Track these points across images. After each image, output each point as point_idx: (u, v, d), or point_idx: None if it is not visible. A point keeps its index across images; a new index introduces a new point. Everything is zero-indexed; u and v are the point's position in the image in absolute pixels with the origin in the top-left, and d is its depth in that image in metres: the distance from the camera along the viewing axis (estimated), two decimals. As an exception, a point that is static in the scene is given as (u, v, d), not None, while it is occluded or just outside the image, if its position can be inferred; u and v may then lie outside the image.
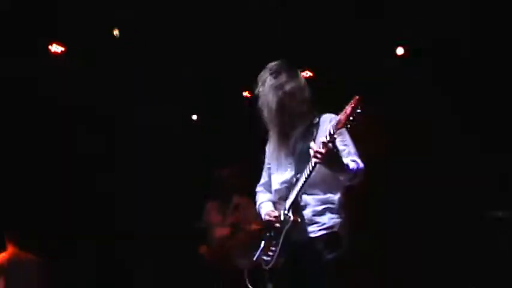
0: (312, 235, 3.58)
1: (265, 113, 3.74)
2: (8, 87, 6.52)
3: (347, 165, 3.45)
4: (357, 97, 3.26)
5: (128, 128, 7.47)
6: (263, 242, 3.78)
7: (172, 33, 6.43)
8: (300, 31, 6.27)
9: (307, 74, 6.16)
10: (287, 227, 3.58)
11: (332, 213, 3.62)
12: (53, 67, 6.47)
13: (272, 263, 3.65)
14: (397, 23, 6.19)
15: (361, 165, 3.53)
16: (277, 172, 3.83)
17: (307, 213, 3.61)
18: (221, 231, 6.39)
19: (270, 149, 3.91)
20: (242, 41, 6.46)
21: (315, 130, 3.65)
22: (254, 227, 6.06)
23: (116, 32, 6.27)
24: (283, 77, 3.72)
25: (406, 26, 6.20)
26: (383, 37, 6.37)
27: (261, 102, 3.77)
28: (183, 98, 7.34)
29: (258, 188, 4.08)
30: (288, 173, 3.72)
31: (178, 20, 6.28)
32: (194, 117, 7.94)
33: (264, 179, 4.04)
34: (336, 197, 3.65)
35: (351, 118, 3.25)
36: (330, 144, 3.32)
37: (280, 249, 3.61)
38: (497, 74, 6.12)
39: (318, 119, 3.69)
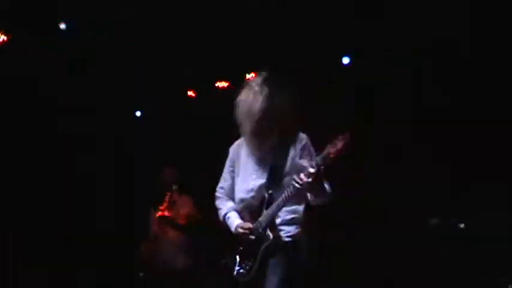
0: (278, 240, 3.69)
1: (244, 117, 3.73)
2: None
3: (325, 187, 3.61)
4: (349, 134, 3.33)
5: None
6: (237, 257, 3.81)
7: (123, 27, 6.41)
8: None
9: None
10: (266, 244, 3.67)
11: (297, 223, 3.76)
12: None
13: (248, 277, 3.70)
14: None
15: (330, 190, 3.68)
16: (241, 178, 3.87)
17: (276, 222, 3.71)
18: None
19: (236, 152, 3.94)
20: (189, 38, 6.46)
21: (290, 148, 3.72)
22: (182, 221, 6.36)
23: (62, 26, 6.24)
24: (275, 87, 3.73)
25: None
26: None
27: (245, 105, 3.73)
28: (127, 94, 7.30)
29: (219, 193, 4.05)
30: (253, 182, 3.79)
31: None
32: (138, 113, 7.86)
33: (225, 181, 4.02)
34: (301, 207, 3.78)
35: (340, 154, 3.35)
36: (317, 175, 3.44)
37: (258, 265, 3.67)
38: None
39: (290, 135, 3.75)
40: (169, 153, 7.25)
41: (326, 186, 3.64)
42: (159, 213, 6.38)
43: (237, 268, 3.78)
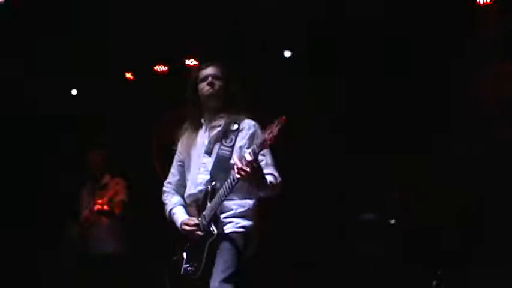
0: (225, 231, 3.65)
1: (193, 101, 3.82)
2: None
3: (265, 180, 3.55)
4: (284, 117, 3.28)
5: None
6: (185, 254, 3.77)
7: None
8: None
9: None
10: (210, 240, 3.62)
11: (246, 216, 3.72)
12: None
13: (199, 274, 3.65)
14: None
15: (279, 179, 3.66)
16: (190, 171, 3.84)
17: (224, 215, 3.67)
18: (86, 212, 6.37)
19: (185, 145, 3.90)
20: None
21: (233, 135, 3.72)
22: (117, 208, 6.27)
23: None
24: (227, 75, 3.84)
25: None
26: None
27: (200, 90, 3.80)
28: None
29: (166, 187, 4.01)
30: (202, 175, 3.75)
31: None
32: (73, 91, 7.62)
33: (174, 176, 3.99)
34: (251, 201, 3.74)
35: (276, 139, 3.29)
36: (254, 163, 3.38)
37: (205, 262, 3.62)
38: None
39: (238, 124, 3.74)
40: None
41: (269, 177, 3.59)
42: (97, 206, 6.22)
43: (185, 266, 3.73)
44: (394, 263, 5.84)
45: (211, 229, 3.61)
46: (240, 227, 3.68)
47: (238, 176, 3.40)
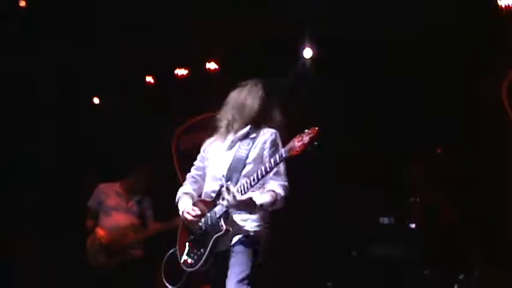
0: (235, 238, 3.69)
1: (238, 113, 3.86)
2: None
3: (261, 205, 3.58)
4: (317, 129, 3.30)
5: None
6: (187, 244, 3.81)
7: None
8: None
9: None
10: (218, 235, 3.65)
11: (254, 220, 3.74)
12: None
13: (197, 266, 3.69)
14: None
15: (282, 193, 3.68)
16: (210, 168, 3.90)
17: (237, 215, 3.71)
18: (125, 220, 6.18)
19: (208, 148, 3.98)
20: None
21: (251, 141, 3.79)
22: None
23: None
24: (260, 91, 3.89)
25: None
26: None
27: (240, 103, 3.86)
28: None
29: (187, 179, 4.08)
30: (217, 172, 3.82)
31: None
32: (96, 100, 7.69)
33: (196, 170, 4.06)
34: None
35: (305, 148, 3.32)
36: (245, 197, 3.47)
37: (207, 255, 3.66)
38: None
39: (257, 131, 3.81)
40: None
41: (266, 197, 3.62)
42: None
43: (184, 257, 3.77)
44: (415, 267, 5.80)
45: (220, 224, 3.64)
46: (253, 230, 3.73)
47: (227, 205, 3.50)
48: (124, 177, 6.36)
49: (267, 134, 3.79)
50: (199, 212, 3.76)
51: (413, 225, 6.04)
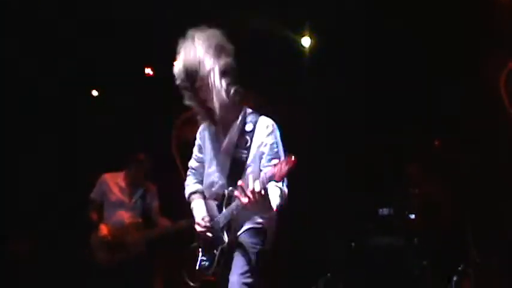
0: (242, 229, 3.70)
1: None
2: None
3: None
4: (294, 158, 3.22)
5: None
6: (200, 252, 3.82)
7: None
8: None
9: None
10: (221, 247, 3.65)
11: (265, 218, 3.73)
12: None
13: (211, 271, 3.68)
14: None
15: (285, 191, 3.61)
16: (206, 163, 3.84)
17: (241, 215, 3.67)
18: (128, 217, 6.18)
19: (202, 137, 3.89)
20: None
21: (249, 136, 3.67)
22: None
23: None
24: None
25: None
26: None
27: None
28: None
29: (189, 172, 4.02)
30: (217, 174, 3.76)
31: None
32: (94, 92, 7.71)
33: (195, 162, 3.98)
34: None
35: (284, 176, 3.27)
36: (262, 193, 3.33)
37: (217, 262, 3.66)
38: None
39: (253, 124, 3.69)
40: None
41: (276, 196, 3.54)
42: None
43: (201, 257, 3.79)
44: (414, 258, 5.83)
45: (223, 237, 3.64)
46: (257, 223, 3.73)
47: (244, 204, 3.38)
48: (126, 168, 6.37)
49: (262, 127, 3.68)
50: (208, 224, 3.73)
51: (412, 216, 6.07)
